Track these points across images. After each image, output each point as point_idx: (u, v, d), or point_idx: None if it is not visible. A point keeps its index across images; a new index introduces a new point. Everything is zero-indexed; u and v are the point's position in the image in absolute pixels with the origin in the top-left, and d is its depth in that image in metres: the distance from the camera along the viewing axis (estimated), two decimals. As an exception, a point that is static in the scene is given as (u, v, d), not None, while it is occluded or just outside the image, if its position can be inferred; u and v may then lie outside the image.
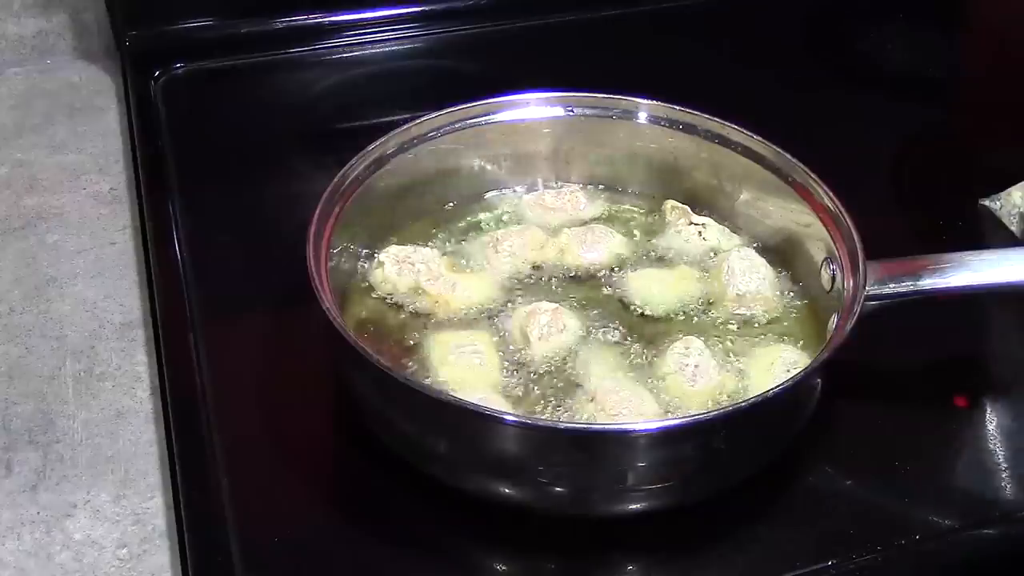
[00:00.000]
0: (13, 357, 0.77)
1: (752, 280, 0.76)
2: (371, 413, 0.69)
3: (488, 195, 0.85)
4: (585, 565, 0.65)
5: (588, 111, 0.82)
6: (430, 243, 0.80)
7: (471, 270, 0.78)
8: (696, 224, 0.81)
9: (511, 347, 0.72)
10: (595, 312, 0.75)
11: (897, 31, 1.18)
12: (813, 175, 0.75)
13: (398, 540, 0.66)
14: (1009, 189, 0.89)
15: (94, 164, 0.95)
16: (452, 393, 0.65)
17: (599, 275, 0.78)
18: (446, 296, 0.75)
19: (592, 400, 0.68)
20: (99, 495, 0.68)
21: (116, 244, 0.87)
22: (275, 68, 1.07)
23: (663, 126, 0.82)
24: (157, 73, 1.03)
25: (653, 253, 0.80)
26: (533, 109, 0.82)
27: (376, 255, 0.77)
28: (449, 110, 0.80)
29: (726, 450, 0.64)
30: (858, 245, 0.70)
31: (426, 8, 1.11)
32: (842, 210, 0.72)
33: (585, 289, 0.78)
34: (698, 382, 0.69)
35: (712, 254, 0.79)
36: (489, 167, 0.84)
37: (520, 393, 0.69)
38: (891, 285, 0.68)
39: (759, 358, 0.71)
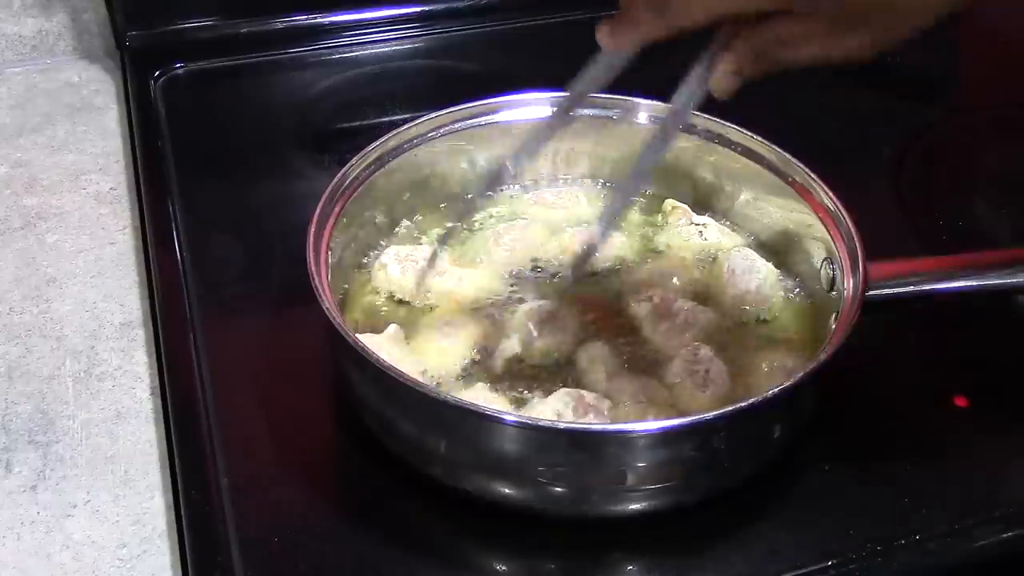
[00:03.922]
0: (13, 357, 0.77)
1: (752, 280, 0.76)
2: (371, 413, 0.69)
3: (488, 194, 0.85)
4: (585, 565, 0.65)
5: (588, 111, 0.82)
6: (430, 242, 0.80)
7: (474, 264, 0.78)
8: (696, 224, 0.81)
9: (512, 345, 0.72)
10: (595, 311, 0.75)
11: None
12: (813, 175, 0.75)
13: (398, 540, 0.66)
14: None
15: (94, 164, 0.95)
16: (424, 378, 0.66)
17: (600, 274, 0.79)
18: (455, 290, 0.75)
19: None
20: (99, 495, 0.68)
21: (116, 244, 0.87)
22: (275, 68, 1.07)
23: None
24: (157, 73, 1.03)
25: (654, 252, 0.80)
26: (533, 109, 0.82)
27: (377, 257, 0.77)
28: (449, 110, 0.81)
29: (726, 450, 0.64)
30: (858, 245, 0.70)
31: (426, 8, 1.11)
32: (842, 210, 0.72)
33: (586, 288, 0.78)
34: (709, 388, 0.69)
35: (712, 254, 0.79)
36: (489, 167, 0.84)
37: (519, 391, 0.69)
38: (891, 285, 0.69)
39: (760, 360, 0.71)
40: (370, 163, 0.77)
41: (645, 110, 0.82)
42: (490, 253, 0.79)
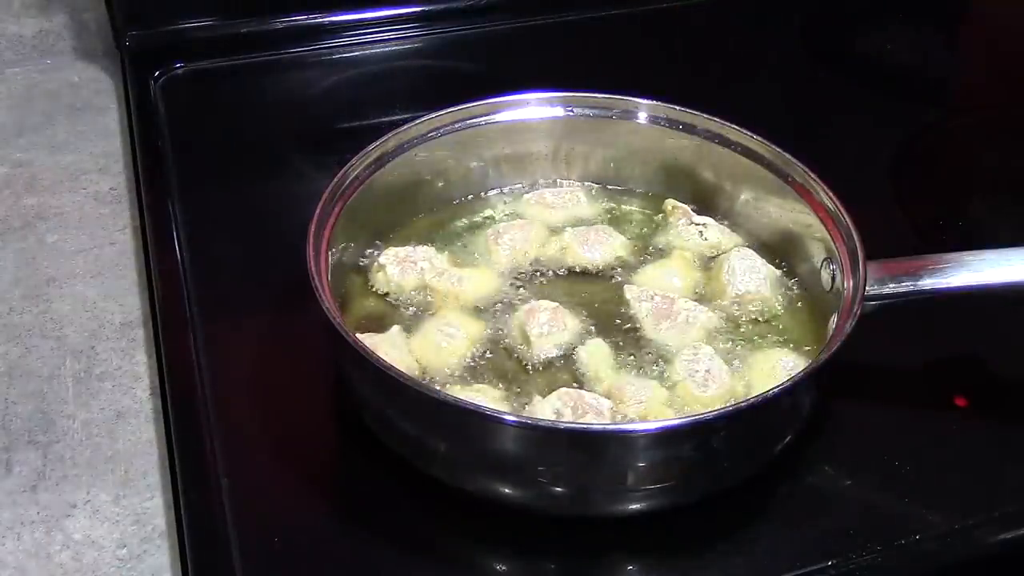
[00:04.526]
0: (13, 357, 0.77)
1: (752, 280, 0.76)
2: (371, 413, 0.69)
3: (488, 195, 0.85)
4: (585, 565, 0.65)
5: (588, 111, 0.82)
6: (430, 242, 0.80)
7: (473, 264, 0.78)
8: (697, 224, 0.81)
9: (511, 345, 0.72)
10: (595, 311, 0.75)
11: (897, 31, 1.18)
12: (813, 175, 0.75)
13: (398, 540, 0.66)
14: None
15: (94, 164, 0.95)
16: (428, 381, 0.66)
17: (600, 274, 0.79)
18: (454, 290, 0.75)
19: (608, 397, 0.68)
20: (99, 495, 0.68)
21: (116, 244, 0.87)
22: (275, 68, 1.07)
23: (663, 126, 0.82)
24: (157, 73, 1.03)
25: (654, 252, 0.81)
26: (533, 109, 0.82)
27: (376, 258, 0.77)
28: (449, 110, 0.80)
29: (726, 450, 0.64)
30: (858, 245, 0.70)
31: (426, 8, 1.11)
32: (842, 210, 0.72)
33: (586, 288, 0.78)
34: (710, 387, 0.69)
35: (712, 254, 0.79)
36: (489, 167, 0.84)
37: (519, 391, 0.69)
38: (891, 285, 0.69)
39: (760, 360, 0.72)
40: (370, 163, 0.77)
41: (645, 110, 0.82)
42: (490, 253, 0.79)
